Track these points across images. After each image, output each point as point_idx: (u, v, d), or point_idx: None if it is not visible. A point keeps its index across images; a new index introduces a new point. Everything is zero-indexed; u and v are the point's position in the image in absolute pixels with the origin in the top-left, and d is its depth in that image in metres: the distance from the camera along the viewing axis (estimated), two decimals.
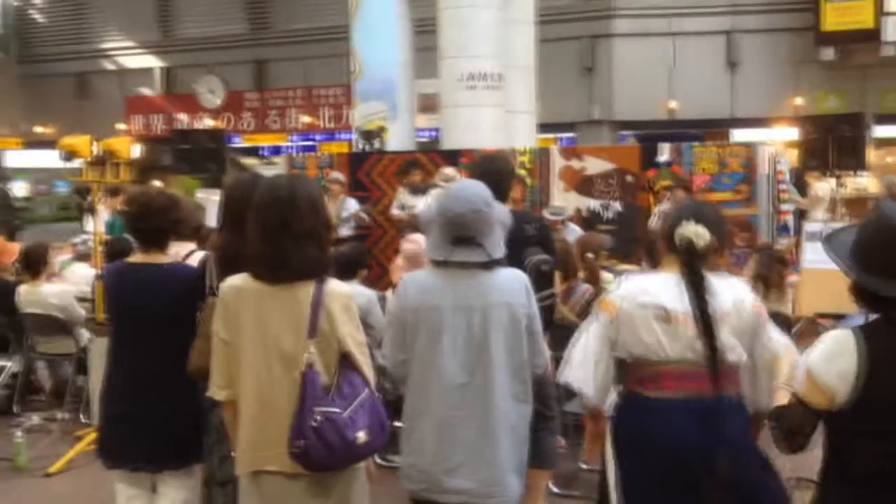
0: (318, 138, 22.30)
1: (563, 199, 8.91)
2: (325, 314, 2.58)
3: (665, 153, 8.75)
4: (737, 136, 17.90)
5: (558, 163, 9.12)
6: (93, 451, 5.24)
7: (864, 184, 13.62)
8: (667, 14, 18.42)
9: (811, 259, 6.28)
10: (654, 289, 2.78)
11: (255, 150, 22.82)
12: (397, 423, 3.08)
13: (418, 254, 4.62)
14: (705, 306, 2.67)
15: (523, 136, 11.10)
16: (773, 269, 5.76)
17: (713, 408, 2.66)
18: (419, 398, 2.94)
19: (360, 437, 2.50)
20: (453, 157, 9.06)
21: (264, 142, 23.15)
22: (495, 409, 2.86)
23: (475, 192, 2.97)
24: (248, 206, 2.70)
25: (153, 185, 6.90)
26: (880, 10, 15.46)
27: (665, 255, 2.90)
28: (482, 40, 10.40)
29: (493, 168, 4.11)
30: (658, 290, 2.76)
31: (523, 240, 4.01)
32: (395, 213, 8.97)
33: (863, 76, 17.10)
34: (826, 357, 2.28)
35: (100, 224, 7.02)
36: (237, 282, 2.68)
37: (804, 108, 17.13)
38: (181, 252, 4.11)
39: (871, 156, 10.77)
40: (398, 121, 11.20)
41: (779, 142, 12.21)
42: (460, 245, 2.90)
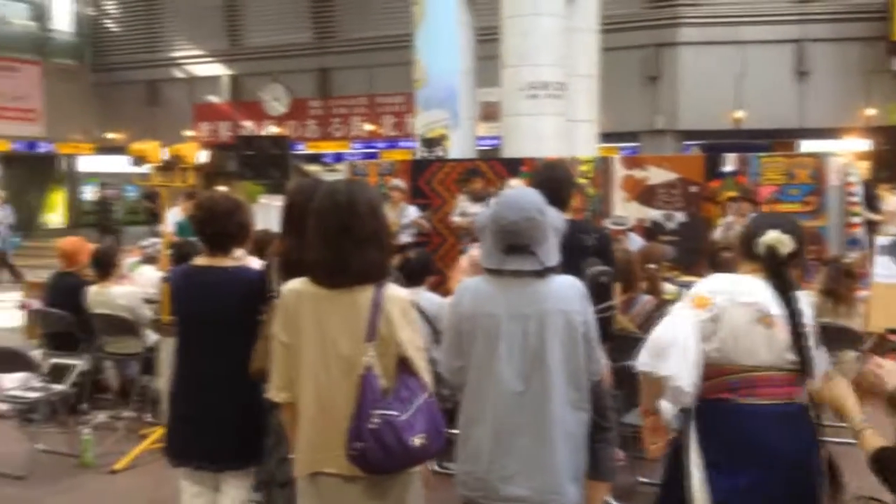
0: (380, 146, 22.52)
1: (624, 209, 8.81)
2: (383, 318, 2.58)
3: (730, 163, 8.61)
4: (805, 146, 17.55)
5: (620, 172, 9.02)
6: (157, 450, 5.40)
7: None
8: (734, 22, 18.16)
9: (882, 273, 6.12)
10: (750, 289, 2.73)
11: (317, 157, 23.14)
12: (453, 431, 3.08)
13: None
14: (799, 313, 2.66)
15: (585, 145, 11.03)
16: (842, 282, 5.62)
17: (800, 415, 2.69)
18: (475, 405, 2.92)
19: (418, 440, 2.50)
20: (514, 165, 9.04)
21: (327, 149, 23.46)
22: (552, 417, 2.83)
23: (529, 199, 2.93)
24: (310, 210, 2.71)
25: (219, 189, 7.02)
26: None
27: (743, 262, 2.86)
28: (545, 49, 10.37)
29: (553, 176, 4.08)
30: (755, 291, 2.72)
31: (582, 250, 3.96)
32: (456, 220, 8.99)
33: None
34: None
35: (167, 227, 7.17)
36: (297, 286, 2.70)
37: (875, 119, 16.69)
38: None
39: None
40: (459, 129, 11.23)
41: (848, 153, 11.90)
42: (513, 253, 2.87)
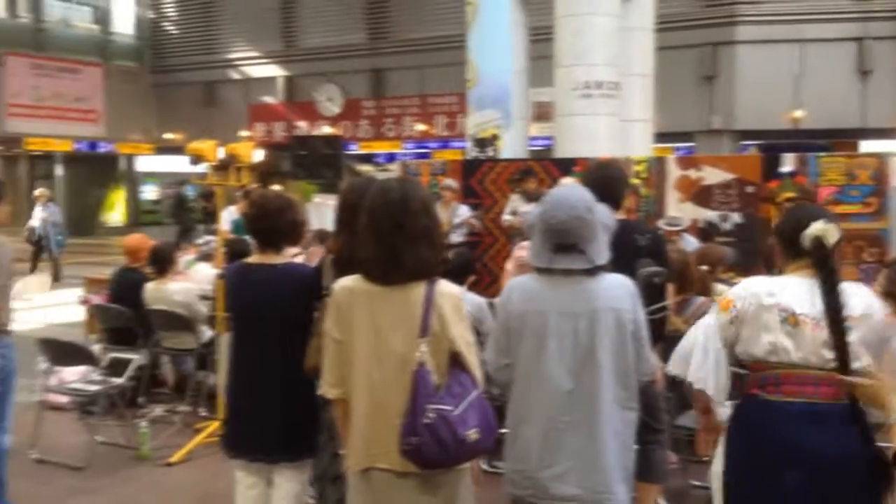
0: (432, 146, 22.59)
1: (678, 209, 8.68)
2: (436, 314, 2.59)
3: (788, 163, 8.44)
4: (865, 146, 17.12)
5: (674, 173, 8.90)
6: (211, 443, 5.50)
7: None
8: (793, 20, 17.80)
9: None
10: (780, 291, 2.73)
11: (370, 157, 23.30)
12: (502, 430, 3.08)
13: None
14: (839, 306, 2.62)
15: (639, 145, 10.89)
16: None
17: (833, 413, 2.63)
18: (524, 404, 2.92)
19: (471, 435, 2.50)
20: (566, 165, 8.98)
21: (380, 149, 23.61)
22: (601, 415, 2.81)
23: (578, 197, 2.92)
24: (362, 208, 2.73)
25: (273, 188, 7.11)
26: None
27: (787, 261, 2.83)
28: (599, 48, 10.26)
29: (607, 174, 4.05)
30: (786, 292, 2.72)
31: (635, 250, 3.91)
32: (507, 218, 8.97)
33: None
34: None
35: (223, 225, 7.27)
36: (349, 283, 2.72)
37: None
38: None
39: None
40: (512, 129, 11.17)
41: None
42: (562, 252, 2.86)
